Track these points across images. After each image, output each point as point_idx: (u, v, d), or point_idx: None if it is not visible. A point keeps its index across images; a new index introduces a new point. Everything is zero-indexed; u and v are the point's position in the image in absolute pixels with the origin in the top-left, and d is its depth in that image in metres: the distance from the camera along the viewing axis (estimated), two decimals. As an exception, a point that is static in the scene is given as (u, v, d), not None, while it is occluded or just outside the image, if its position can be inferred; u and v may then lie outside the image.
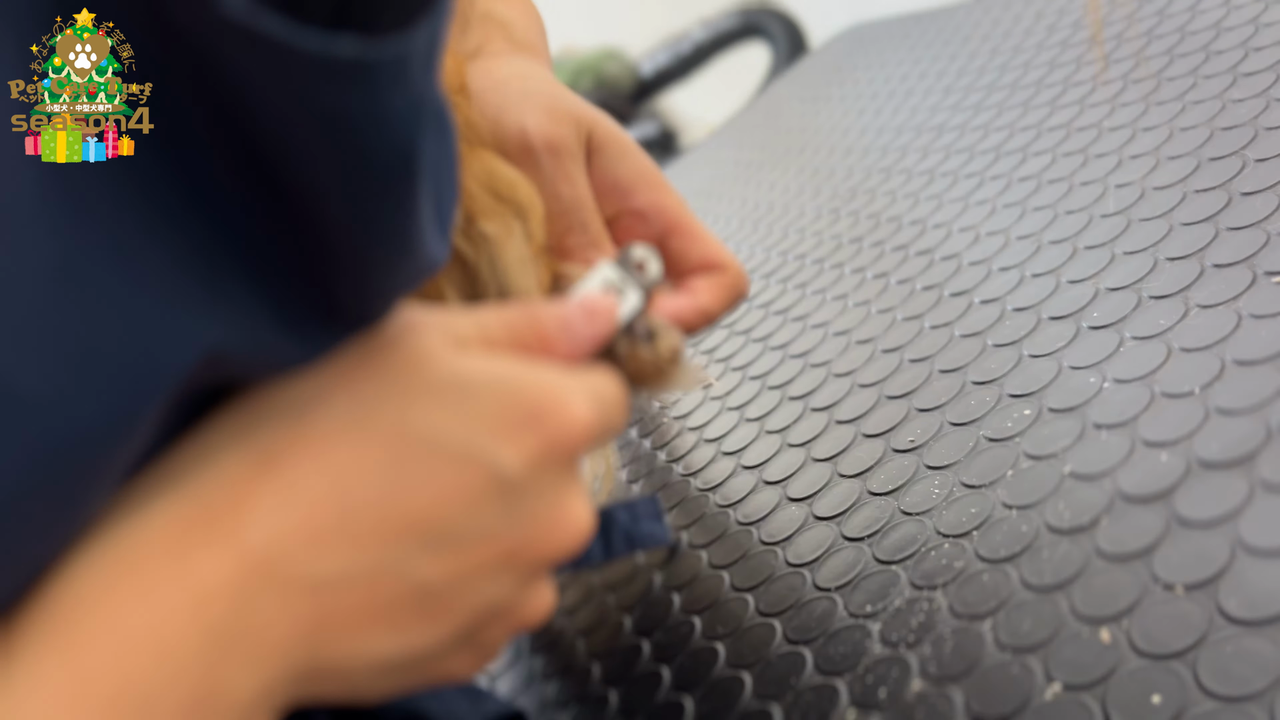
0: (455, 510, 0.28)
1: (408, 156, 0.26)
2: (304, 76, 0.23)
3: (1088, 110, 0.65)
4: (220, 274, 0.25)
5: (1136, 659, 0.32)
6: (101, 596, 0.24)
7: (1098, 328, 0.46)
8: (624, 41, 2.42)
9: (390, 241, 0.28)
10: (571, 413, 0.29)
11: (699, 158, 1.18)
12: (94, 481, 0.24)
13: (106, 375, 0.23)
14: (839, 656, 0.40)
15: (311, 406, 0.28)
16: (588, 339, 0.33)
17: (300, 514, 0.26)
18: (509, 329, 0.31)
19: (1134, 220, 0.52)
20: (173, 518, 0.26)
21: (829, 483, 0.49)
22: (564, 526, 0.30)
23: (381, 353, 0.29)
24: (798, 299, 0.68)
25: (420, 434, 0.28)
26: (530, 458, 0.29)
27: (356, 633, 0.27)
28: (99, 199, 0.23)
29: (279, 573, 0.26)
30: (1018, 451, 0.43)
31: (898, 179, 0.75)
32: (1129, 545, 0.36)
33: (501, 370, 0.29)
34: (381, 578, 0.27)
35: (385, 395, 0.28)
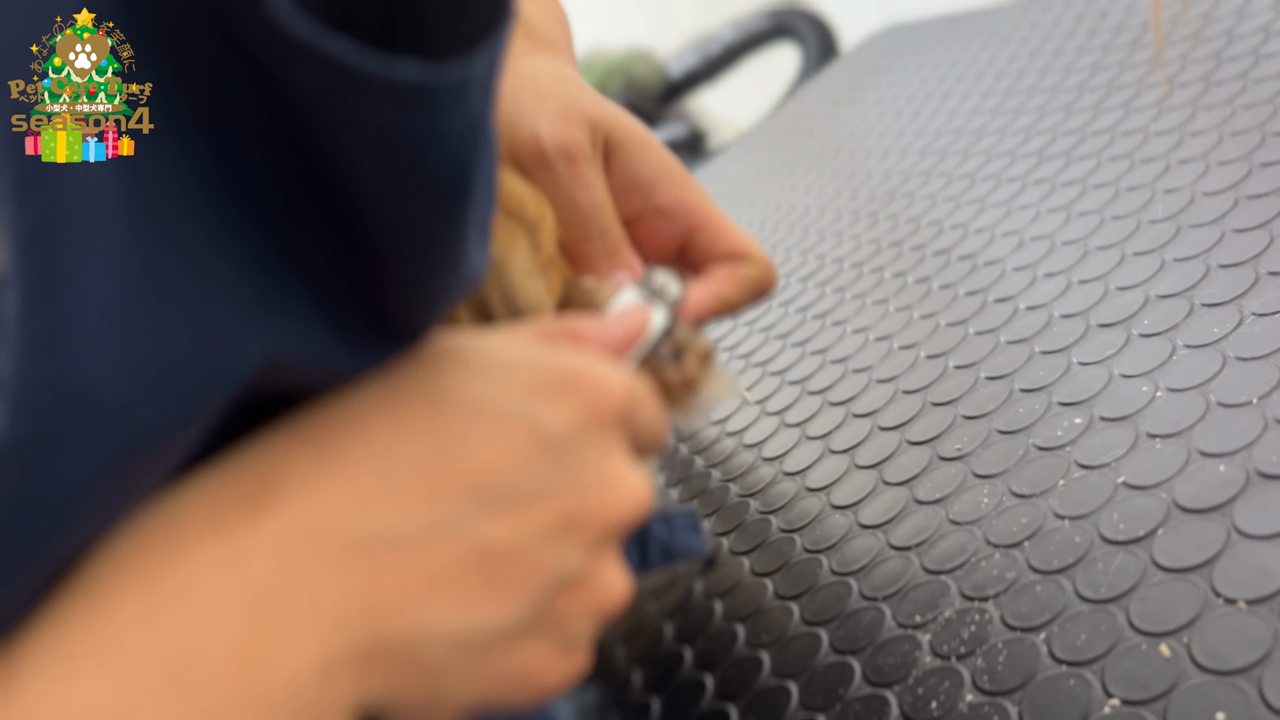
0: (504, 466, 0.27)
1: (464, 177, 0.26)
2: (366, 98, 0.23)
3: (1133, 114, 0.64)
4: (282, 285, 0.26)
5: (1198, 674, 0.32)
6: (138, 561, 0.24)
7: (1149, 335, 0.46)
8: (653, 42, 2.42)
9: (441, 256, 0.28)
10: (608, 381, 0.29)
11: (729, 160, 1.17)
12: (148, 473, 0.24)
13: (176, 378, 0.23)
14: (888, 667, 0.39)
15: (350, 393, 0.28)
16: (620, 337, 0.33)
17: (340, 478, 0.26)
18: (540, 331, 0.32)
19: (1184, 226, 0.51)
20: (211, 492, 0.26)
21: (874, 490, 0.48)
22: (618, 491, 0.29)
23: (418, 350, 0.29)
24: (836, 303, 0.68)
25: (458, 399, 0.28)
26: (572, 417, 0.28)
27: (419, 601, 0.26)
28: (174, 209, 0.24)
29: (322, 533, 0.25)
30: (1069, 461, 0.42)
31: (936, 183, 0.75)
32: (1188, 558, 0.35)
33: (535, 350, 0.30)
34: (436, 537, 0.26)
35: (420, 371, 0.28)
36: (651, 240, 0.47)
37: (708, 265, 0.46)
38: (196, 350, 0.24)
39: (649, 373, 0.37)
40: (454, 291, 0.30)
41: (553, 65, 0.48)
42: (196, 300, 0.24)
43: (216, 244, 0.24)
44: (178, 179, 0.24)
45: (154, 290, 0.23)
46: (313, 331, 0.26)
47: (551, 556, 0.28)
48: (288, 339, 0.25)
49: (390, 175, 0.25)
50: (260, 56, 0.23)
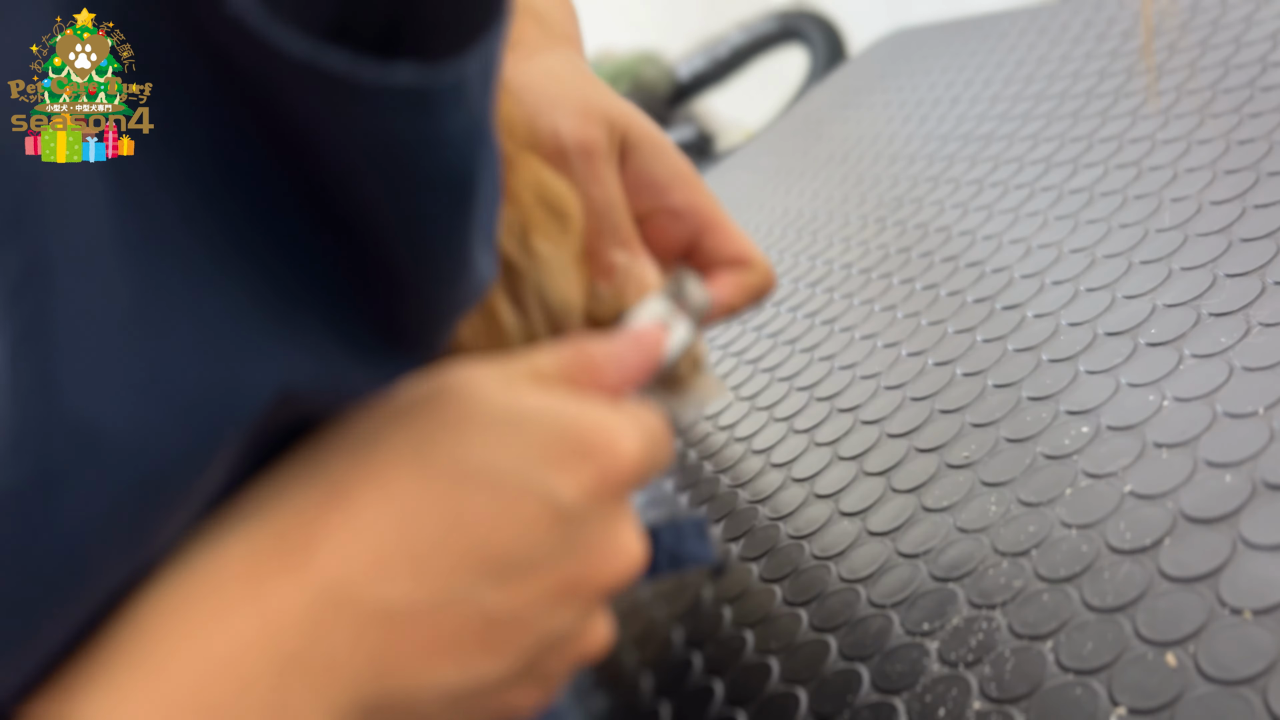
0: (515, 539, 0.28)
1: (467, 177, 0.27)
2: (364, 106, 0.23)
3: (1140, 122, 0.65)
4: (292, 307, 0.26)
5: (1204, 684, 0.32)
6: (180, 623, 0.25)
7: (1156, 344, 0.46)
8: (661, 45, 2.43)
9: (448, 261, 0.28)
10: (622, 447, 0.30)
11: (737, 164, 1.18)
12: (170, 515, 0.24)
13: (184, 413, 0.23)
14: (896, 674, 0.40)
15: (373, 441, 0.28)
16: (637, 370, 0.33)
17: (368, 544, 0.27)
18: (559, 365, 0.32)
19: (1191, 235, 0.51)
20: (247, 547, 0.26)
21: (882, 497, 0.49)
22: (618, 557, 0.31)
23: (438, 393, 0.30)
24: (844, 309, 0.68)
25: (480, 466, 0.29)
26: (585, 489, 0.29)
27: (423, 663, 0.28)
28: (174, 238, 0.24)
29: (348, 602, 0.26)
30: (1076, 469, 0.42)
31: (945, 189, 0.75)
32: (1194, 568, 0.35)
33: (552, 404, 0.30)
34: (447, 607, 0.28)
35: (442, 430, 0.29)
36: (660, 239, 0.47)
37: (712, 269, 0.47)
38: (205, 382, 0.24)
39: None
40: (463, 300, 0.30)
41: (570, 61, 0.48)
42: (200, 332, 0.24)
43: (220, 271, 0.24)
44: (178, 208, 0.24)
45: (154, 324, 0.23)
46: (326, 353, 0.27)
47: (549, 619, 0.29)
48: (299, 363, 0.26)
49: (393, 180, 0.25)
50: (254, 75, 0.23)
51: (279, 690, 0.25)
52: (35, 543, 0.22)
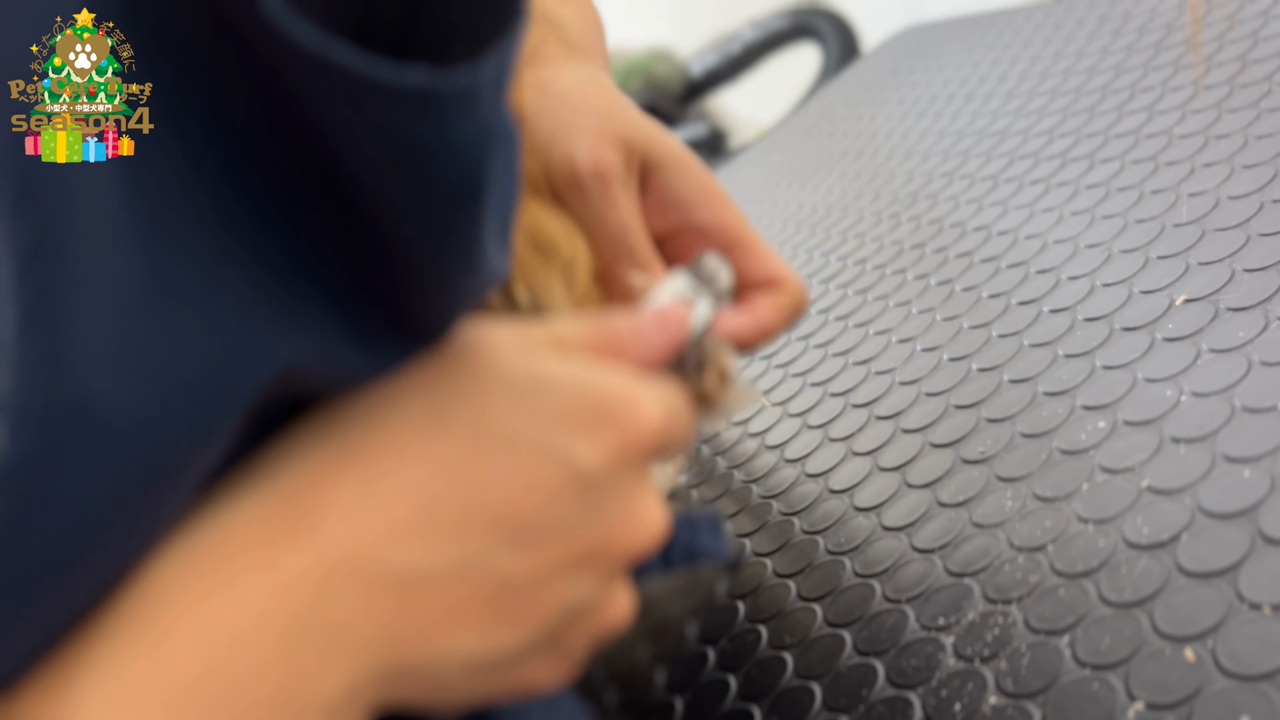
0: (535, 505, 0.28)
1: (476, 180, 0.27)
2: (374, 105, 0.23)
3: (1157, 117, 0.64)
4: (296, 292, 0.26)
5: (1223, 679, 0.32)
6: (186, 588, 0.25)
7: (1173, 339, 0.46)
8: (673, 41, 2.43)
9: (457, 258, 0.28)
10: (645, 413, 0.30)
11: (751, 160, 1.17)
12: (173, 490, 0.24)
13: (187, 392, 0.23)
14: (911, 669, 0.39)
15: (390, 407, 0.28)
16: (660, 346, 0.33)
17: (381, 508, 0.27)
18: (582, 334, 0.32)
19: (1209, 230, 0.51)
20: (256, 513, 0.26)
21: (897, 492, 0.49)
22: (640, 525, 0.30)
23: (457, 357, 0.29)
24: (859, 304, 0.68)
25: (499, 430, 0.28)
26: (606, 454, 0.29)
27: (441, 630, 0.27)
28: (179, 219, 0.24)
29: (361, 567, 0.26)
30: (1093, 465, 0.42)
31: (959, 184, 0.75)
32: (1212, 563, 0.35)
33: (575, 370, 0.30)
34: (464, 573, 0.27)
35: (462, 394, 0.29)
36: (686, 257, 0.47)
37: (745, 292, 0.46)
38: (207, 362, 0.24)
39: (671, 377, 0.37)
40: (473, 292, 0.30)
41: (589, 75, 0.48)
42: (205, 311, 0.24)
43: (225, 253, 0.24)
44: (184, 188, 0.24)
45: (160, 303, 0.23)
46: (329, 337, 0.26)
47: (568, 588, 0.29)
48: (302, 345, 0.26)
49: (402, 180, 0.25)
50: (267, 65, 0.23)
51: (290, 657, 0.25)
52: (38, 515, 0.22)
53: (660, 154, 0.46)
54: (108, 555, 0.24)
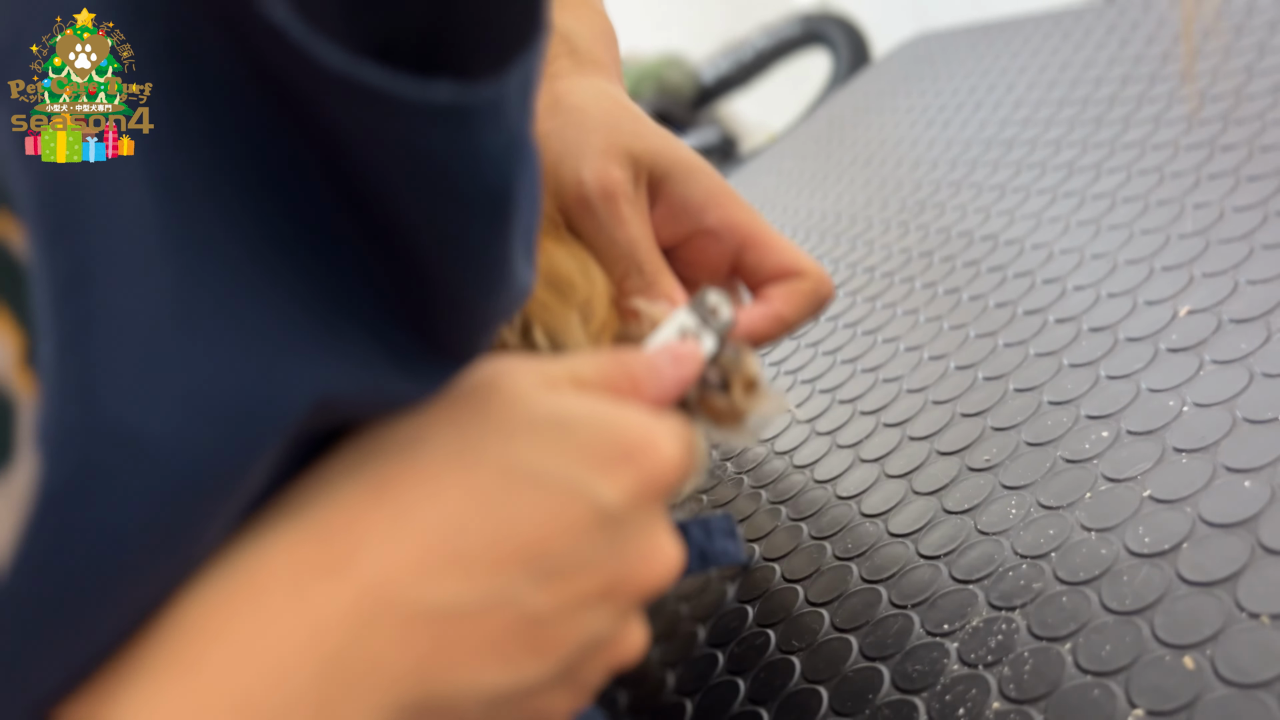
0: (560, 541, 0.29)
1: (505, 193, 0.27)
2: (403, 121, 0.24)
3: (1163, 127, 0.65)
4: (333, 318, 0.26)
5: (1222, 687, 0.32)
6: (224, 625, 0.25)
7: (1177, 350, 0.47)
8: (685, 47, 2.43)
9: (489, 274, 0.29)
10: (664, 451, 0.30)
11: (761, 167, 1.18)
12: (211, 518, 0.25)
13: (223, 420, 0.24)
14: (917, 674, 0.40)
15: (419, 442, 0.29)
16: (674, 383, 0.34)
17: (412, 544, 0.27)
18: (599, 372, 0.33)
19: (1213, 241, 0.52)
20: (291, 550, 0.27)
21: (904, 499, 0.49)
22: (658, 560, 0.31)
23: (482, 393, 0.30)
24: (867, 312, 0.69)
25: (526, 467, 0.29)
26: (628, 492, 0.30)
27: (469, 664, 0.28)
28: (215, 247, 0.24)
29: (393, 604, 0.27)
30: (1096, 474, 0.43)
31: (967, 193, 0.75)
32: (1212, 572, 0.36)
33: (596, 408, 0.31)
34: (493, 608, 0.28)
35: (490, 431, 0.29)
36: (702, 261, 0.48)
37: (762, 284, 0.47)
38: (243, 390, 0.24)
39: (693, 395, 0.38)
40: (504, 309, 0.31)
41: (597, 88, 0.48)
42: (241, 339, 0.24)
43: (260, 281, 0.25)
44: (220, 215, 0.24)
45: (195, 332, 0.23)
46: (368, 363, 0.27)
47: (588, 622, 0.30)
48: (341, 372, 0.26)
49: (433, 196, 0.26)
50: (295, 89, 0.24)
51: (322, 692, 0.26)
52: (74, 542, 0.22)
53: (668, 163, 0.47)
54: (145, 581, 0.24)
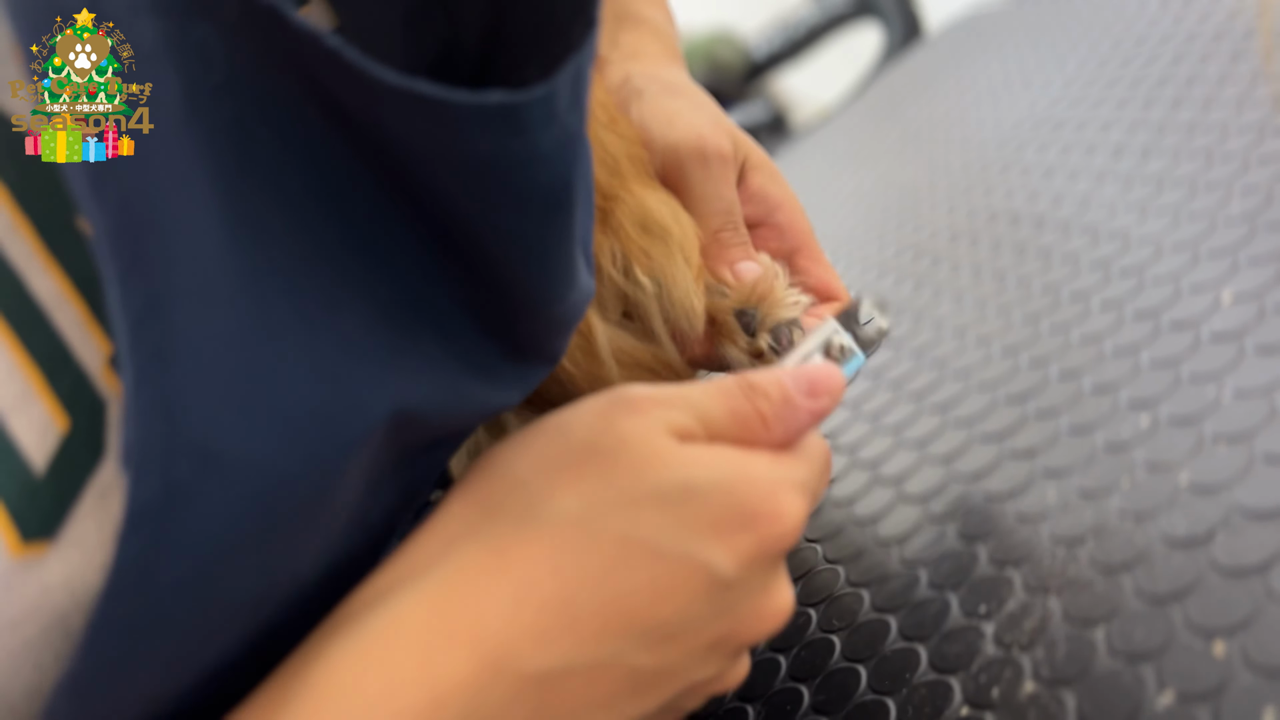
0: (672, 609, 0.30)
1: (563, 189, 0.28)
2: (458, 128, 0.25)
3: (1214, 108, 0.65)
4: (407, 329, 0.27)
5: (1250, 674, 0.33)
6: (352, 688, 0.27)
7: (1219, 337, 0.47)
8: (735, 20, 2.42)
9: (556, 273, 0.30)
10: (784, 513, 0.31)
11: (812, 145, 1.18)
12: (302, 530, 0.26)
13: (299, 435, 0.25)
14: (953, 655, 0.41)
15: (541, 505, 0.30)
16: (809, 417, 0.34)
17: (531, 613, 0.28)
18: (730, 414, 0.33)
19: (1260, 227, 0.52)
20: (417, 614, 0.28)
21: (944, 483, 0.50)
22: (769, 614, 0.32)
23: (609, 454, 0.31)
24: (912, 291, 0.69)
25: (645, 541, 0.30)
26: (743, 558, 0.30)
27: (575, 715, 0.29)
28: (286, 266, 0.25)
29: (510, 670, 0.28)
30: (1134, 461, 0.43)
31: (1015, 174, 0.75)
32: (1246, 560, 0.36)
33: (723, 473, 0.31)
34: (601, 670, 0.29)
35: (613, 501, 0.30)
36: (760, 248, 0.51)
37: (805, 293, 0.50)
38: (320, 402, 0.25)
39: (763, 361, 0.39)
40: (574, 310, 0.31)
41: (688, 81, 0.53)
42: (315, 353, 0.25)
43: (332, 296, 0.26)
44: (288, 236, 0.25)
45: (268, 351, 0.24)
46: (447, 372, 0.28)
47: (694, 669, 0.31)
48: (417, 381, 0.27)
49: (493, 196, 0.27)
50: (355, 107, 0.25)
51: None
52: (165, 556, 0.23)
53: (757, 159, 0.52)
54: (240, 593, 0.25)
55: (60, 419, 0.24)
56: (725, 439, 0.32)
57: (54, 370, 0.24)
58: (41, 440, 0.24)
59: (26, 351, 0.24)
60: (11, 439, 0.24)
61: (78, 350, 0.24)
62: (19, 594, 0.24)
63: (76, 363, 0.24)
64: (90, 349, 0.25)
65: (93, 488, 0.25)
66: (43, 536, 0.24)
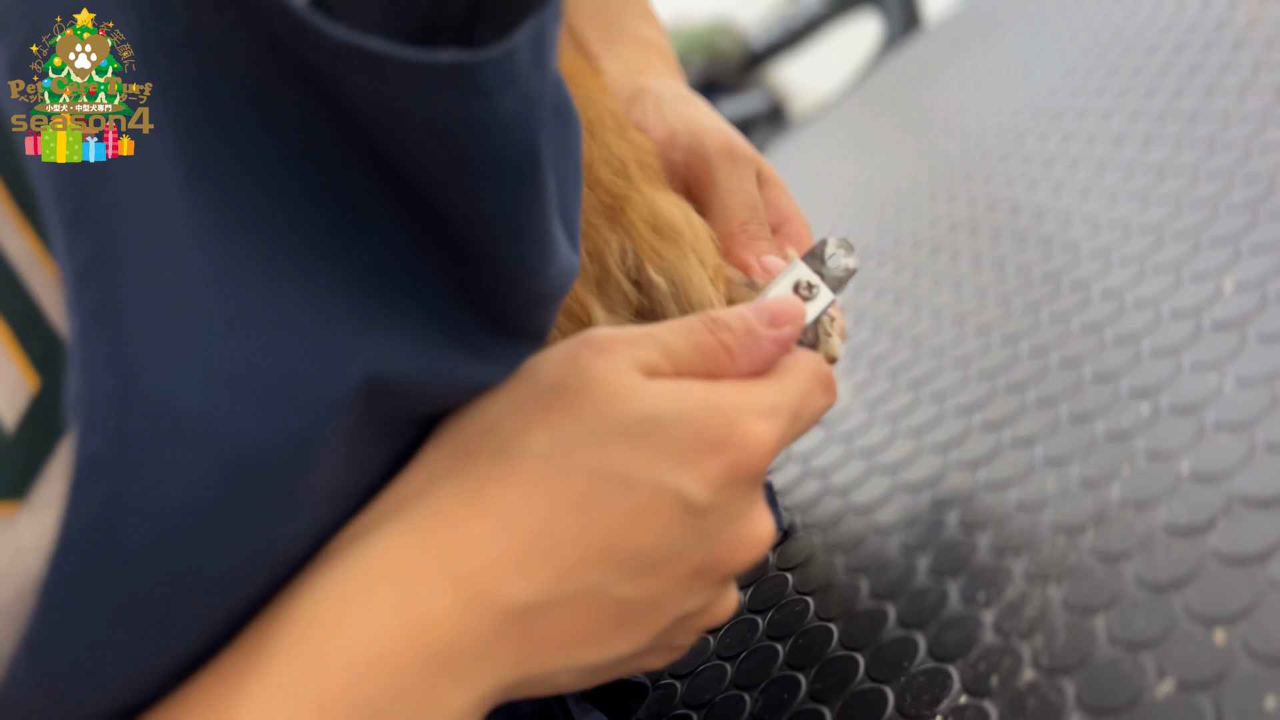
0: (649, 537, 0.30)
1: (528, 155, 0.28)
2: (415, 88, 0.25)
3: (1216, 97, 0.64)
4: (378, 296, 0.27)
5: (1251, 662, 0.33)
6: (335, 619, 0.27)
7: (1220, 326, 0.47)
8: (733, 10, 2.41)
9: (526, 242, 0.29)
10: (751, 437, 0.31)
11: (811, 135, 1.18)
12: (280, 505, 0.25)
13: (267, 399, 0.24)
14: (952, 643, 0.41)
15: (514, 444, 0.30)
16: (773, 345, 0.34)
17: (510, 547, 0.29)
18: (694, 346, 0.33)
19: (1262, 216, 0.51)
20: (395, 551, 0.28)
21: (943, 470, 0.50)
22: (749, 541, 0.33)
23: (576, 390, 0.31)
24: (912, 280, 0.69)
25: (616, 471, 0.30)
26: (714, 483, 0.31)
27: (562, 649, 0.30)
28: (251, 224, 0.25)
29: (492, 601, 0.28)
30: (1134, 449, 0.43)
31: (1015, 162, 0.75)
32: (1246, 548, 0.36)
33: (687, 402, 0.31)
34: (584, 600, 0.30)
35: (582, 435, 0.30)
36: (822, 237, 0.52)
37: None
38: (286, 368, 0.24)
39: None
40: (555, 286, 0.31)
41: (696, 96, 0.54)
42: (282, 319, 0.25)
43: (300, 260, 0.25)
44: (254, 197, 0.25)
45: (233, 311, 0.24)
46: (421, 339, 0.28)
47: (679, 600, 0.31)
48: (392, 349, 0.27)
49: (456, 161, 0.26)
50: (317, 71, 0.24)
51: (429, 682, 0.27)
52: (122, 516, 0.22)
53: (769, 173, 0.52)
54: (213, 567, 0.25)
55: (31, 378, 0.24)
56: (692, 373, 0.33)
57: (25, 330, 0.24)
58: (11, 399, 0.23)
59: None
60: None
61: (50, 312, 0.24)
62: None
63: (48, 323, 0.24)
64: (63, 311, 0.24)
65: (65, 449, 0.24)
66: (13, 496, 0.23)
